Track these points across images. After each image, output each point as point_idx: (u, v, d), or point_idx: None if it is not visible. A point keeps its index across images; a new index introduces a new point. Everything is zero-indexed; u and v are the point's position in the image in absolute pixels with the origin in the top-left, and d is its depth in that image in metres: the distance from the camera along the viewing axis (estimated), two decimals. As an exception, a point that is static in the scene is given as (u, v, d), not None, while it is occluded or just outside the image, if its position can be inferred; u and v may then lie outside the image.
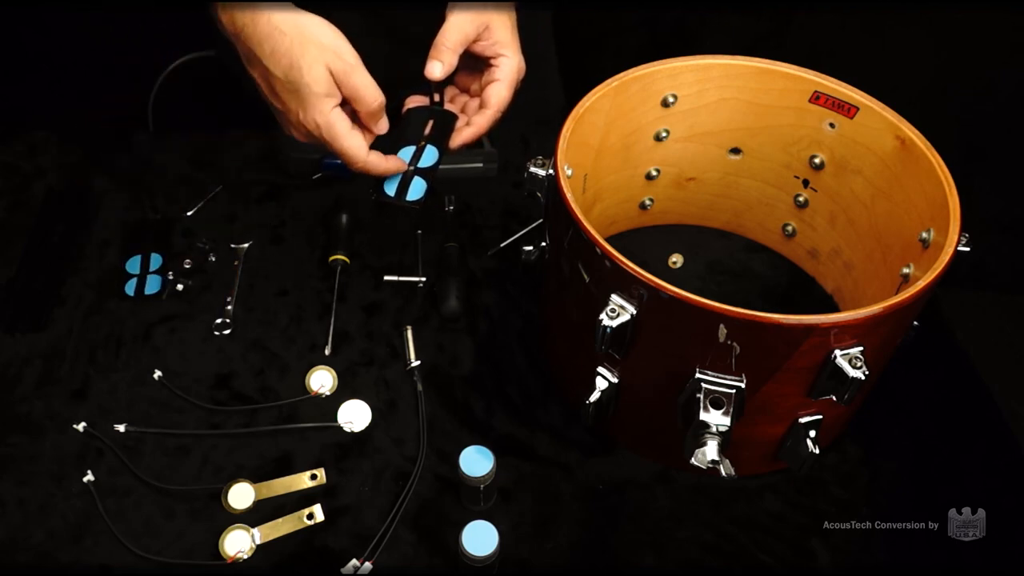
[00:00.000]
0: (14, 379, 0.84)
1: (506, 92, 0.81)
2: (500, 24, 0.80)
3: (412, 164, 0.80)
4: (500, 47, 0.80)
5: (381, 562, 0.73)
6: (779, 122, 0.87)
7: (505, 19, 0.81)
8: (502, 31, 0.80)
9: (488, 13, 0.79)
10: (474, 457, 0.72)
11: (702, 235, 1.00)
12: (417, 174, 0.80)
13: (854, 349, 0.64)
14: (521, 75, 0.82)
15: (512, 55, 0.81)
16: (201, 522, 0.75)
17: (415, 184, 0.80)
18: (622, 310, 0.67)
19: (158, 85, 1.11)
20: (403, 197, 0.80)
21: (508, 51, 0.80)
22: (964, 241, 0.69)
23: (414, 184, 0.80)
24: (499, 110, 0.81)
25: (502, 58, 0.80)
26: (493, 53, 0.80)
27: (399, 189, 0.79)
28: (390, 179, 0.79)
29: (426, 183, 0.80)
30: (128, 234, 0.98)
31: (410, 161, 0.80)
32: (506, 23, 0.81)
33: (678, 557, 0.74)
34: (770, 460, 0.77)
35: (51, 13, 1.31)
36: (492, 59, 0.81)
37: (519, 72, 0.82)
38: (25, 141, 1.08)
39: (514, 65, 0.81)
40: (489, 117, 0.81)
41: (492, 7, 0.79)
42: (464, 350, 0.89)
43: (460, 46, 0.78)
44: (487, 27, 0.79)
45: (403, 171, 0.80)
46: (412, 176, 0.80)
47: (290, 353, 0.88)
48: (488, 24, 0.79)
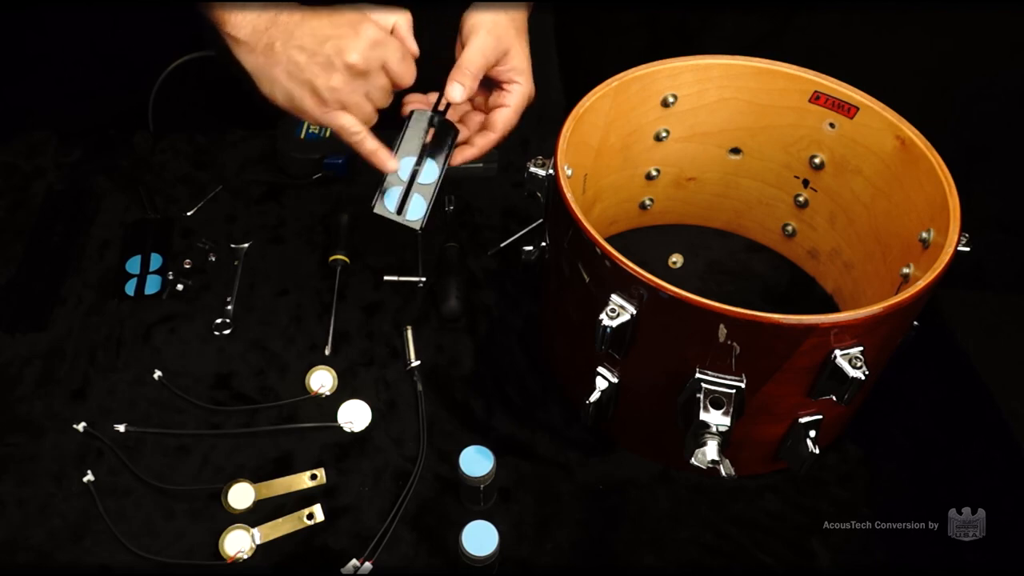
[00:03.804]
0: (14, 379, 0.84)
1: (514, 119, 0.82)
2: (519, 51, 0.81)
3: (412, 177, 0.80)
4: (515, 73, 0.81)
5: (381, 562, 0.73)
6: (779, 122, 0.87)
7: (524, 46, 0.81)
8: (519, 58, 0.81)
9: (510, 39, 0.80)
10: (474, 457, 0.72)
11: (702, 235, 1.00)
12: (417, 191, 0.80)
13: (854, 349, 0.64)
14: (530, 102, 0.83)
15: (525, 83, 0.81)
16: (201, 522, 0.75)
17: (415, 202, 0.80)
18: (622, 310, 0.67)
19: (158, 85, 1.11)
20: (403, 214, 0.79)
21: (522, 78, 0.81)
22: (964, 241, 0.69)
23: (414, 201, 0.80)
24: (504, 134, 0.82)
25: (515, 85, 0.81)
26: (508, 79, 0.81)
27: (399, 204, 0.79)
28: (390, 192, 0.80)
29: (426, 202, 0.80)
30: (128, 234, 0.98)
31: (410, 174, 0.80)
32: (524, 50, 0.81)
33: (678, 557, 0.74)
34: (770, 460, 0.77)
35: (51, 13, 1.31)
36: (505, 84, 0.81)
37: (529, 99, 0.82)
38: (25, 141, 1.08)
39: (525, 92, 0.82)
40: (493, 140, 0.82)
41: (514, 33, 0.80)
42: (464, 350, 0.89)
43: (482, 71, 0.79)
44: (507, 53, 0.80)
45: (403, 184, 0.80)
46: (412, 192, 0.80)
47: (290, 353, 0.88)
48: (508, 50, 0.80)
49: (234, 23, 0.75)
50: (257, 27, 0.75)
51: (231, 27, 0.75)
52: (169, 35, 1.16)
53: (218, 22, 0.76)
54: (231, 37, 0.76)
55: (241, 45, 0.76)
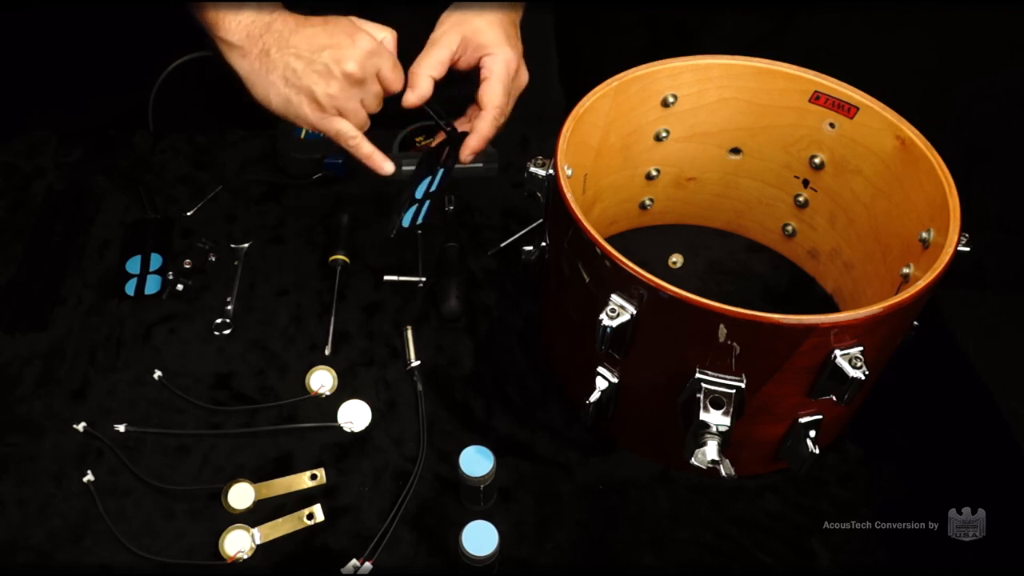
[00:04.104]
0: (14, 379, 0.84)
1: (498, 87, 0.80)
2: (485, 26, 0.80)
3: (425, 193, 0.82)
4: (482, 50, 0.80)
5: (381, 562, 0.73)
6: (779, 122, 0.87)
7: (494, 20, 0.80)
8: (482, 34, 0.80)
9: (468, 23, 0.79)
10: (474, 457, 0.72)
11: (702, 235, 1.00)
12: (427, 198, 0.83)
13: (854, 349, 0.64)
14: (512, 66, 0.81)
15: (497, 51, 0.80)
16: (201, 522, 0.75)
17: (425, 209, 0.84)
18: (622, 310, 0.67)
19: (158, 85, 1.11)
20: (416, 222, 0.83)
21: (492, 49, 0.80)
22: (964, 241, 0.69)
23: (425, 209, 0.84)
24: (495, 107, 0.80)
25: (486, 57, 0.80)
26: (477, 58, 0.80)
27: (413, 219, 0.82)
28: (406, 213, 0.82)
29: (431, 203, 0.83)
30: (128, 234, 0.98)
31: (424, 191, 0.82)
32: (494, 23, 0.80)
33: (678, 557, 0.74)
34: (770, 460, 0.77)
35: (51, 13, 1.31)
36: (481, 61, 0.81)
37: (508, 65, 0.80)
38: (25, 141, 1.08)
39: (500, 60, 0.80)
40: (487, 118, 0.80)
41: (479, 12, 0.80)
42: (464, 350, 0.89)
43: (435, 68, 0.79)
44: (462, 40, 0.79)
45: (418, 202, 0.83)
46: (424, 204, 0.83)
47: (290, 353, 0.88)
48: (463, 37, 0.79)
49: (227, 28, 0.75)
50: (252, 33, 0.75)
51: (224, 31, 0.75)
52: (169, 35, 1.16)
53: (210, 26, 0.76)
54: (223, 41, 0.76)
55: (234, 50, 0.76)
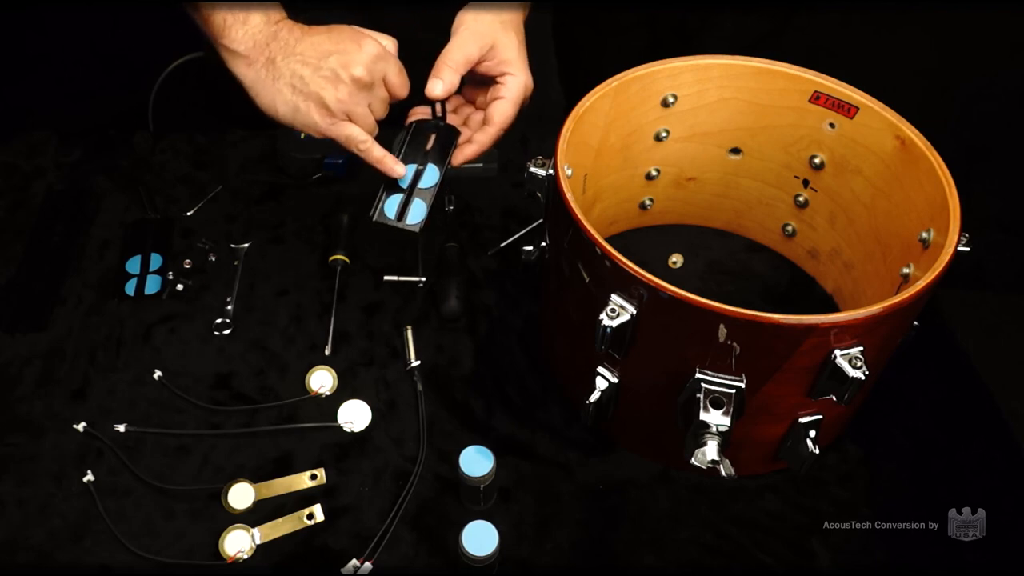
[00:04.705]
0: (14, 379, 0.84)
1: (511, 110, 0.81)
2: (506, 43, 0.80)
3: (413, 184, 0.80)
4: (505, 65, 0.80)
5: (381, 562, 0.73)
6: (779, 122, 0.87)
7: (512, 37, 0.81)
8: (508, 50, 0.80)
9: (494, 32, 0.79)
10: (474, 457, 0.72)
11: (702, 235, 1.00)
12: (417, 196, 0.80)
13: (854, 349, 0.64)
14: (528, 92, 0.82)
15: (519, 73, 0.81)
16: (201, 522, 0.75)
17: (415, 206, 0.80)
18: (622, 310, 0.67)
19: (158, 85, 1.11)
20: (404, 220, 0.80)
21: (514, 69, 0.80)
22: (964, 241, 0.69)
23: (414, 206, 0.80)
24: (502, 128, 0.81)
25: (508, 76, 0.80)
26: (499, 72, 0.80)
27: (399, 211, 0.79)
28: (390, 200, 0.80)
29: (426, 205, 0.80)
30: (128, 234, 0.98)
31: (411, 181, 0.80)
32: (513, 41, 0.81)
33: (678, 557, 0.74)
34: (770, 460, 0.77)
35: (51, 13, 1.31)
36: (499, 77, 0.81)
37: (526, 90, 0.82)
38: (25, 141, 1.08)
39: (520, 83, 0.81)
40: (491, 135, 0.81)
41: (499, 27, 0.80)
42: (464, 350, 0.89)
43: (463, 66, 0.78)
44: (492, 47, 0.79)
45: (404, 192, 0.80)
46: (412, 198, 0.80)
47: (290, 353, 0.88)
48: (493, 44, 0.79)
49: (233, 37, 0.75)
50: (258, 42, 0.75)
51: (229, 40, 0.75)
52: (169, 35, 1.16)
53: (215, 34, 0.76)
54: (228, 50, 0.76)
55: (239, 59, 0.76)
